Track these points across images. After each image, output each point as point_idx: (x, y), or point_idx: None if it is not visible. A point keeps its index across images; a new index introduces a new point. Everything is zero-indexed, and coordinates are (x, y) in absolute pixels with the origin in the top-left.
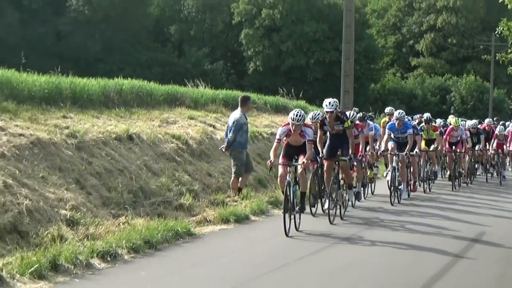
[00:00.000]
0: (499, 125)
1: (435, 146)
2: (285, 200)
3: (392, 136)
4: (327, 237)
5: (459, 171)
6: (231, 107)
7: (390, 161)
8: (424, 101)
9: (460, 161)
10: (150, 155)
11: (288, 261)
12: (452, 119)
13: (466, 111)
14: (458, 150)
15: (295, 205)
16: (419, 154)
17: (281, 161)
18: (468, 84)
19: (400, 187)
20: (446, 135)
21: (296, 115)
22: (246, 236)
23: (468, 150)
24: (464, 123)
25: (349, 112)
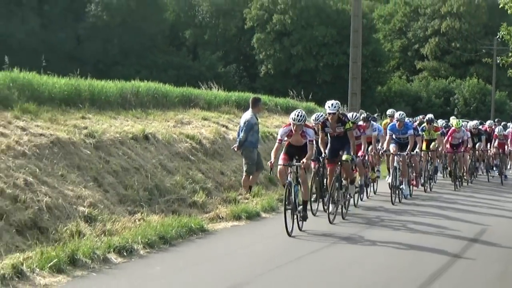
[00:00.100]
0: (499, 126)
1: (435, 145)
2: (285, 201)
3: (394, 137)
4: (328, 237)
5: (462, 173)
6: (243, 109)
7: (391, 162)
8: (429, 103)
9: (461, 162)
10: (165, 154)
11: (290, 259)
12: (454, 121)
13: (469, 113)
14: (459, 151)
15: (297, 205)
16: (420, 154)
17: (282, 159)
18: (471, 87)
19: (402, 187)
20: (448, 136)
21: (297, 115)
22: (257, 233)
23: (469, 150)
24: (466, 124)
25: (352, 114)
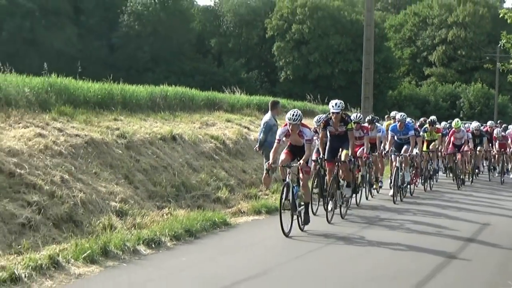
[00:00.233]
0: (497, 128)
1: (435, 145)
2: (281, 202)
3: (395, 138)
4: (327, 236)
5: (463, 178)
6: (264, 111)
7: (394, 163)
8: (436, 106)
9: (462, 162)
10: (191, 154)
11: (288, 259)
12: (453, 122)
13: (474, 115)
14: (460, 151)
15: (297, 206)
16: (420, 154)
17: (283, 157)
18: (476, 91)
19: (407, 180)
20: (449, 137)
21: (293, 115)
22: (276, 226)
23: (471, 151)
24: (469, 125)
25: (355, 114)
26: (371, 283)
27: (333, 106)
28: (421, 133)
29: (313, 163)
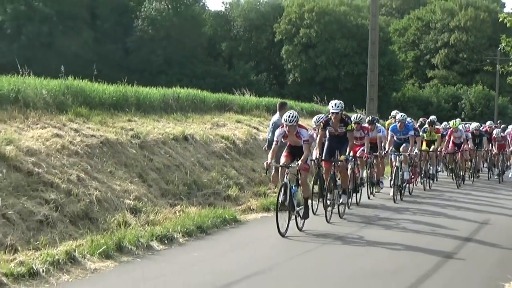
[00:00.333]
0: (496, 128)
1: (435, 147)
2: (278, 202)
3: (395, 138)
4: (326, 236)
5: (463, 174)
6: (272, 112)
7: (394, 163)
8: (439, 108)
9: (462, 161)
10: (203, 153)
11: (286, 258)
12: (451, 122)
13: (475, 116)
14: (459, 150)
15: (295, 206)
16: (419, 154)
17: (282, 160)
18: (477, 93)
19: (406, 178)
20: (448, 137)
21: (289, 117)
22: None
23: (471, 151)
24: (468, 126)
25: (356, 115)
26: (371, 280)
27: (333, 107)
28: (421, 133)
29: (313, 162)
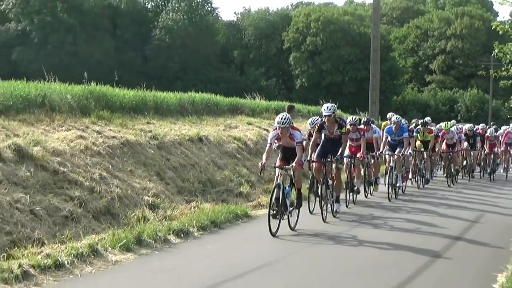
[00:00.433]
0: (490, 128)
1: (431, 147)
2: (270, 203)
3: (390, 139)
4: (318, 235)
5: (456, 169)
6: None
7: (388, 163)
8: (436, 110)
9: (455, 161)
10: (216, 153)
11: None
12: (443, 123)
13: (470, 118)
14: (453, 151)
15: (288, 206)
16: (413, 154)
17: (277, 164)
18: (472, 96)
19: (398, 185)
20: (441, 138)
21: (282, 119)
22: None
23: (464, 151)
24: (462, 127)
25: (352, 117)
26: (362, 276)
27: (325, 109)
28: (414, 134)
29: (307, 162)
